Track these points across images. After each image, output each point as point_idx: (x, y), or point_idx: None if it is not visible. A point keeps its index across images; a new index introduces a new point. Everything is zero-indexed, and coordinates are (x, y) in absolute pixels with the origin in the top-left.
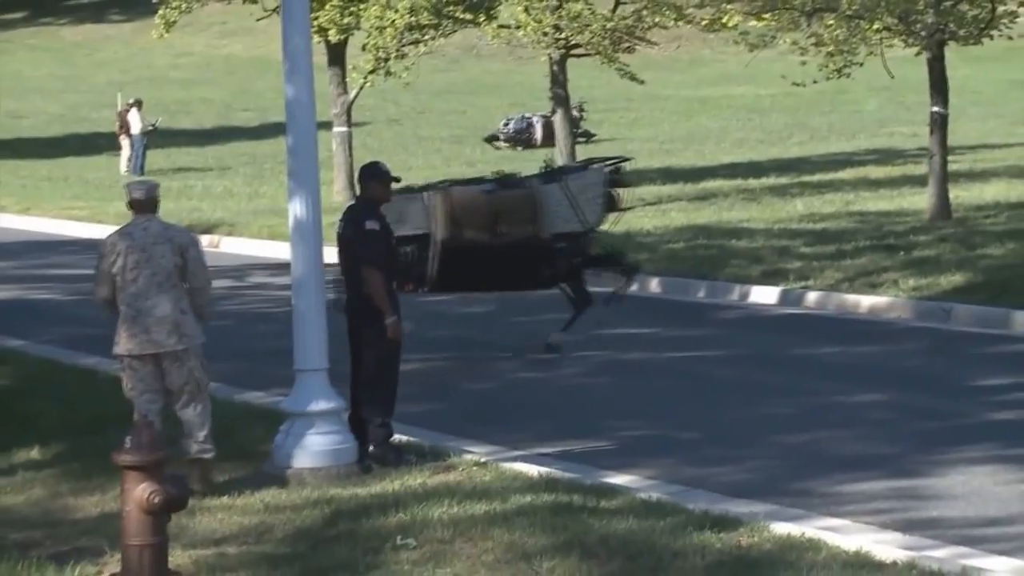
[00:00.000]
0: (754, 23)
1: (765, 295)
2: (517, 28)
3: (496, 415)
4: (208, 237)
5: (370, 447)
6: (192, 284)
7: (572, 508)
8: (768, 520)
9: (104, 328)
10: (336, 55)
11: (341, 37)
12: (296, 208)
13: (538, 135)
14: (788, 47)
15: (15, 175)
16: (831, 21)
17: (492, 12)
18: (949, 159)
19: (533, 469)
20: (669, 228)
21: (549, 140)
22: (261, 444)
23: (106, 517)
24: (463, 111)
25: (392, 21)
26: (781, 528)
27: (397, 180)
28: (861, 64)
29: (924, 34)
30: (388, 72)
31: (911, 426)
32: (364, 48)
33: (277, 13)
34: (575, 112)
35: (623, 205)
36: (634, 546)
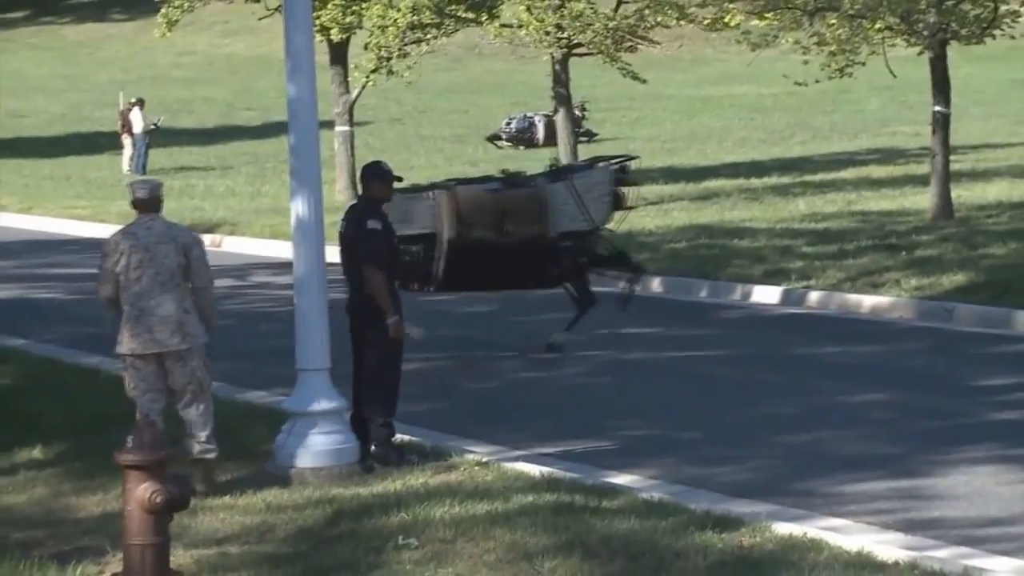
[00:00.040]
0: (756, 22)
1: (767, 295)
2: (519, 27)
3: (498, 415)
4: (210, 236)
5: (372, 447)
6: (195, 284)
7: (574, 508)
8: (770, 520)
9: (106, 328)
10: (338, 54)
11: (343, 36)
12: (298, 207)
13: (540, 134)
14: (790, 46)
15: (17, 174)
16: (833, 20)
17: (494, 11)
18: (951, 159)
19: (535, 469)
20: (671, 228)
21: (551, 139)
22: (263, 444)
23: (108, 516)
24: (465, 110)
25: (394, 20)
26: (783, 528)
27: (399, 179)
28: (863, 63)
29: (926, 33)
30: (390, 71)
31: (913, 426)
32: (366, 47)
33: (279, 12)
34: (577, 111)
35: (629, 204)
36: (636, 546)
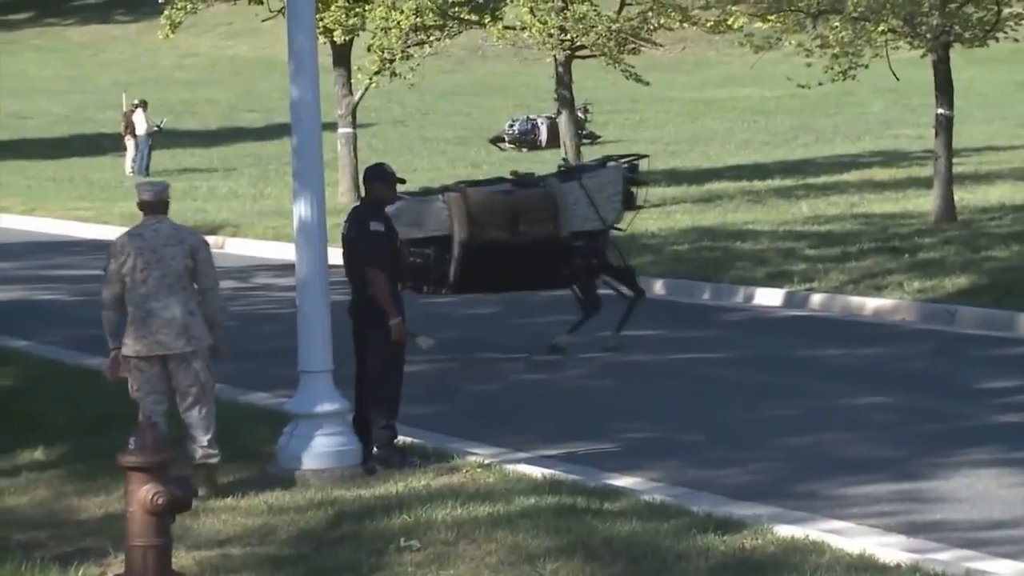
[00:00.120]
0: (759, 25)
1: (770, 297)
2: (522, 29)
3: (500, 417)
4: (213, 238)
5: (374, 448)
6: (202, 285)
7: (576, 510)
8: (772, 522)
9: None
10: (341, 56)
11: (346, 38)
12: (301, 209)
13: (543, 136)
14: (793, 49)
15: (20, 175)
16: (836, 23)
17: (497, 13)
18: (954, 161)
19: (537, 471)
20: (674, 230)
21: (554, 141)
22: (265, 445)
23: (110, 518)
24: (468, 112)
25: (397, 22)
26: (785, 531)
27: (402, 181)
28: (866, 66)
29: (929, 36)
30: (393, 73)
31: (915, 428)
32: (369, 49)
33: (282, 14)
34: (580, 113)
35: (640, 203)
36: (638, 548)
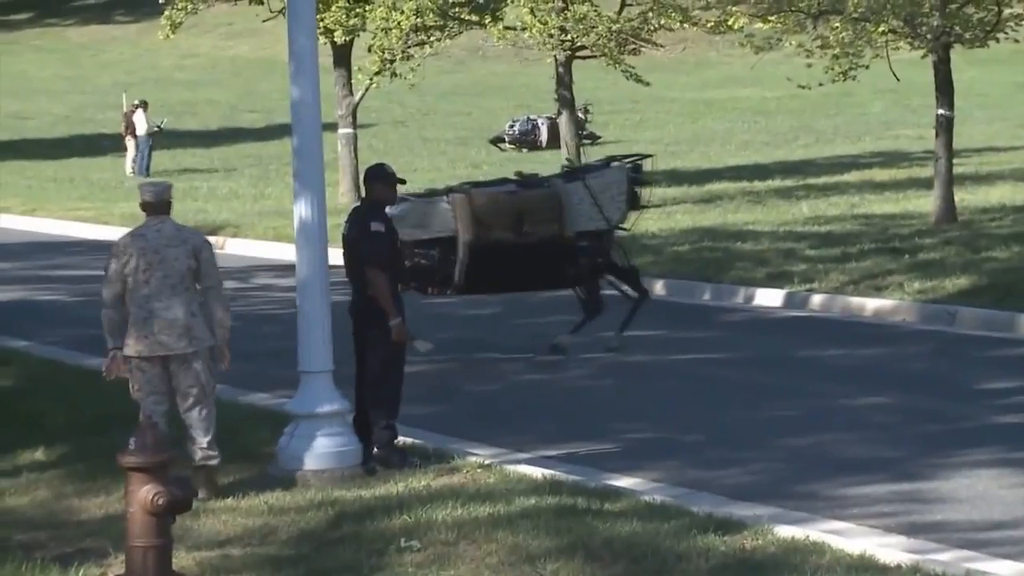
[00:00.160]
0: (760, 25)
1: (770, 298)
2: (523, 30)
3: (500, 417)
4: (213, 238)
5: (374, 449)
6: (205, 285)
7: (576, 511)
8: (772, 523)
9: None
10: (342, 56)
11: (347, 38)
12: (301, 209)
13: (543, 137)
14: (794, 49)
15: (20, 176)
16: (837, 23)
17: (498, 14)
18: (955, 162)
19: (537, 471)
20: (674, 230)
21: (554, 142)
22: (265, 446)
23: (110, 518)
24: (468, 113)
25: (398, 23)
26: (785, 531)
27: (402, 182)
28: (867, 67)
29: (930, 37)
30: (394, 73)
31: (916, 429)
32: (370, 49)
33: (283, 14)
34: (580, 114)
35: (644, 203)
36: (638, 549)
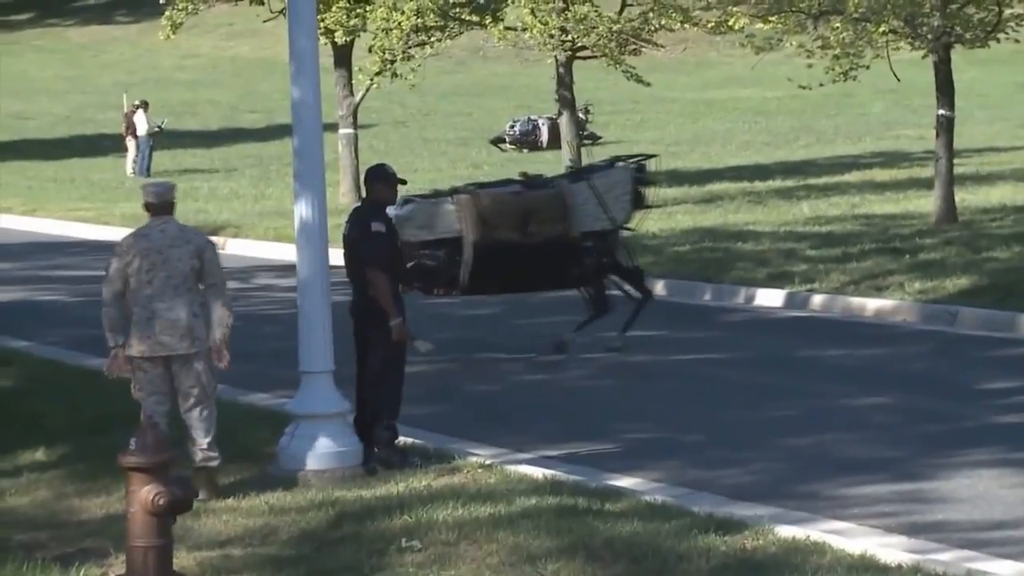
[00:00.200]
0: (760, 26)
1: (771, 298)
2: (523, 30)
3: (501, 417)
4: (214, 239)
5: (375, 449)
6: (207, 282)
7: (577, 511)
8: (773, 523)
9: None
10: (342, 57)
11: (347, 39)
12: (302, 210)
13: (544, 137)
14: (794, 50)
15: (21, 176)
16: (837, 24)
17: (498, 14)
18: (955, 162)
19: (538, 471)
20: (675, 231)
21: (555, 142)
22: (266, 446)
23: (111, 519)
24: (469, 113)
25: (398, 23)
26: (786, 531)
27: (403, 182)
28: (867, 67)
29: (930, 37)
30: (394, 74)
31: (916, 429)
32: (370, 50)
33: (284, 15)
34: (581, 114)
35: (649, 203)
36: (639, 549)
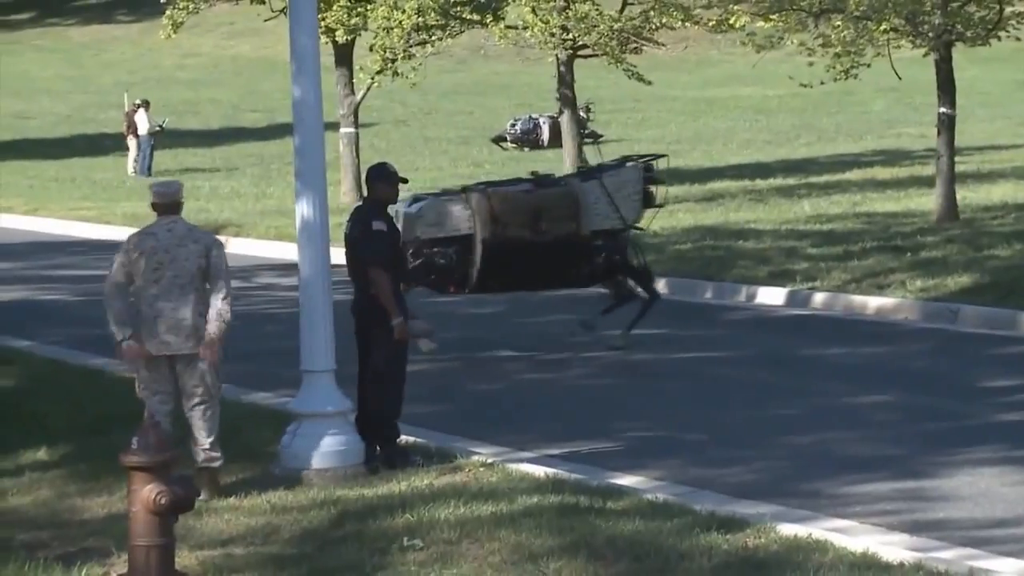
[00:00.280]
0: (761, 24)
1: (772, 296)
2: (524, 29)
3: (502, 416)
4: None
5: (377, 448)
6: (213, 280)
7: (579, 509)
8: (775, 521)
9: (107, 328)
10: (343, 56)
11: (348, 38)
12: (303, 209)
13: (545, 136)
14: (795, 48)
15: (22, 176)
16: (838, 22)
17: (499, 13)
18: (956, 160)
19: (540, 470)
20: (676, 229)
21: (556, 141)
22: (268, 445)
23: (113, 518)
24: (470, 112)
25: (399, 22)
26: (788, 529)
27: (404, 181)
28: (868, 65)
29: (931, 35)
30: (395, 73)
31: (918, 427)
32: (371, 49)
33: (285, 14)
34: (582, 113)
35: (658, 202)
36: (641, 547)
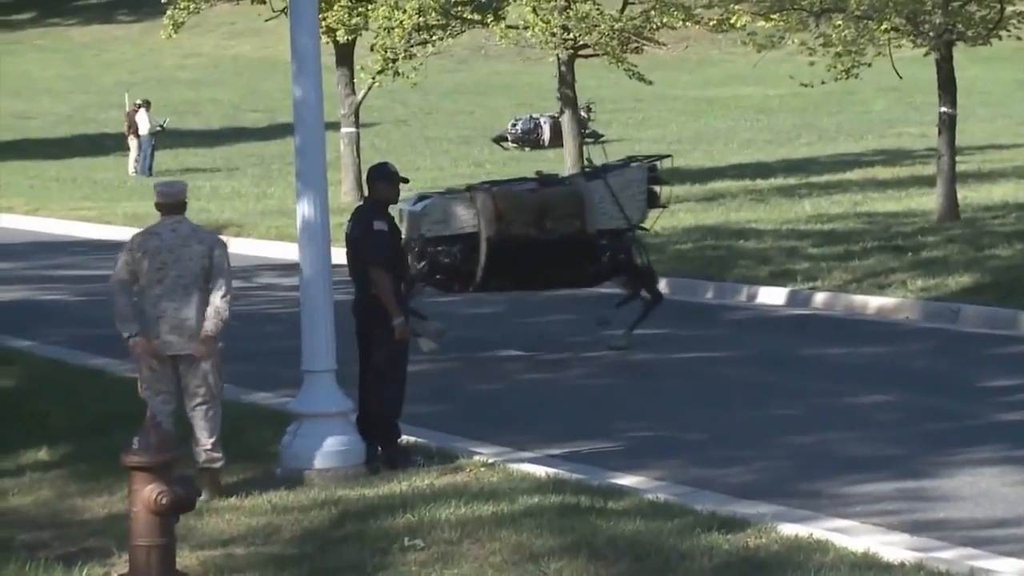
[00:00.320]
0: (762, 23)
1: (773, 296)
2: (525, 28)
3: (503, 416)
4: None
5: (378, 448)
6: (214, 278)
7: (580, 509)
8: (776, 521)
9: (112, 328)
10: (344, 56)
11: (349, 38)
12: (304, 209)
13: (546, 136)
14: (796, 47)
15: (23, 176)
16: (839, 21)
17: (500, 12)
18: (957, 160)
19: (541, 470)
20: (677, 229)
21: (557, 140)
22: (269, 445)
23: (114, 518)
24: (471, 112)
25: (400, 22)
26: (789, 529)
27: (405, 181)
28: (869, 64)
29: (932, 34)
30: (396, 72)
31: (919, 427)
32: (372, 48)
33: (285, 14)
34: (583, 112)
35: (663, 202)
36: (641, 547)
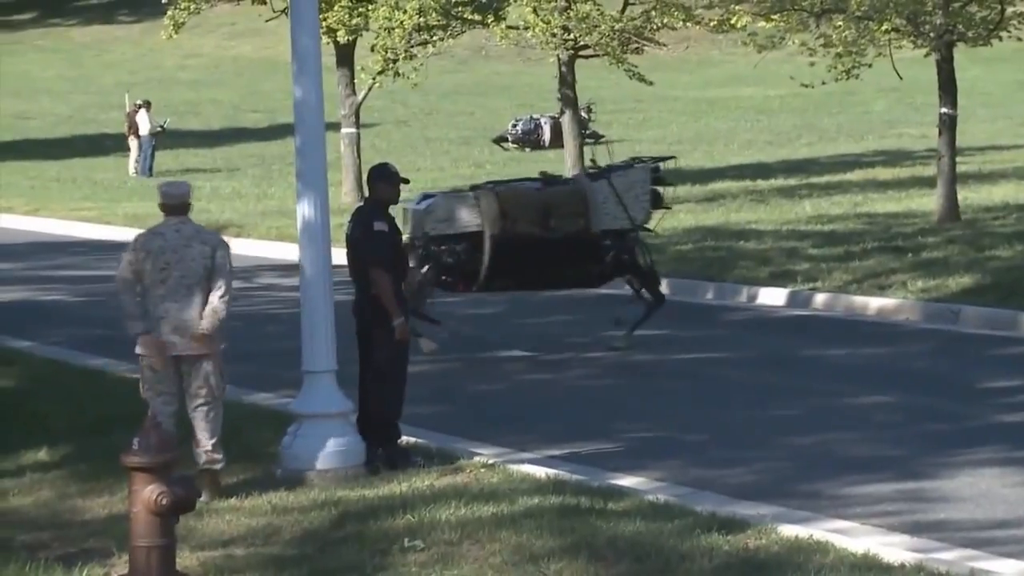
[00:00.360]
0: (763, 24)
1: (773, 297)
2: (525, 29)
3: (503, 417)
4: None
5: (378, 449)
6: (215, 278)
7: (580, 510)
8: (776, 522)
9: (112, 329)
10: (345, 56)
11: (350, 38)
12: (304, 209)
13: (546, 136)
14: (797, 48)
15: (23, 176)
16: (840, 22)
17: (500, 13)
18: (958, 160)
19: (541, 471)
20: (677, 229)
21: (557, 141)
22: (269, 446)
23: (114, 518)
24: (471, 112)
25: (400, 22)
26: (789, 530)
27: (406, 181)
28: (870, 65)
29: (933, 35)
30: (396, 73)
31: (919, 428)
32: (373, 49)
33: (286, 14)
34: (583, 113)
35: (666, 203)
36: (642, 548)
